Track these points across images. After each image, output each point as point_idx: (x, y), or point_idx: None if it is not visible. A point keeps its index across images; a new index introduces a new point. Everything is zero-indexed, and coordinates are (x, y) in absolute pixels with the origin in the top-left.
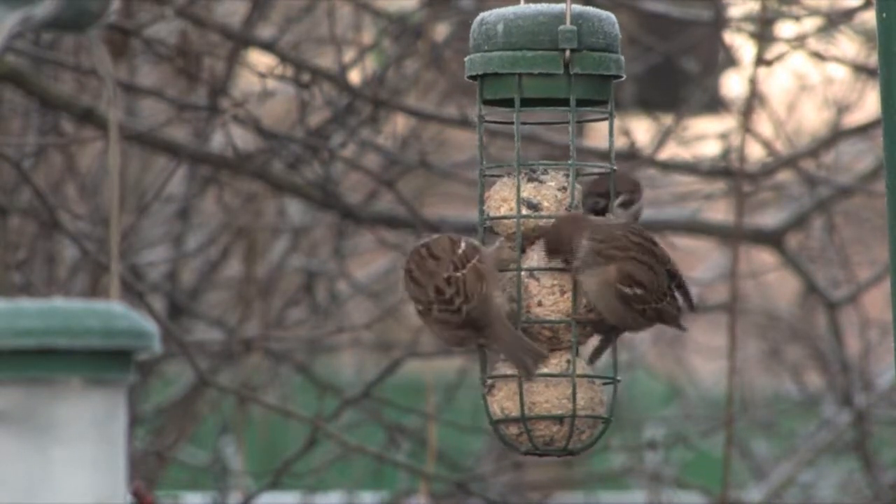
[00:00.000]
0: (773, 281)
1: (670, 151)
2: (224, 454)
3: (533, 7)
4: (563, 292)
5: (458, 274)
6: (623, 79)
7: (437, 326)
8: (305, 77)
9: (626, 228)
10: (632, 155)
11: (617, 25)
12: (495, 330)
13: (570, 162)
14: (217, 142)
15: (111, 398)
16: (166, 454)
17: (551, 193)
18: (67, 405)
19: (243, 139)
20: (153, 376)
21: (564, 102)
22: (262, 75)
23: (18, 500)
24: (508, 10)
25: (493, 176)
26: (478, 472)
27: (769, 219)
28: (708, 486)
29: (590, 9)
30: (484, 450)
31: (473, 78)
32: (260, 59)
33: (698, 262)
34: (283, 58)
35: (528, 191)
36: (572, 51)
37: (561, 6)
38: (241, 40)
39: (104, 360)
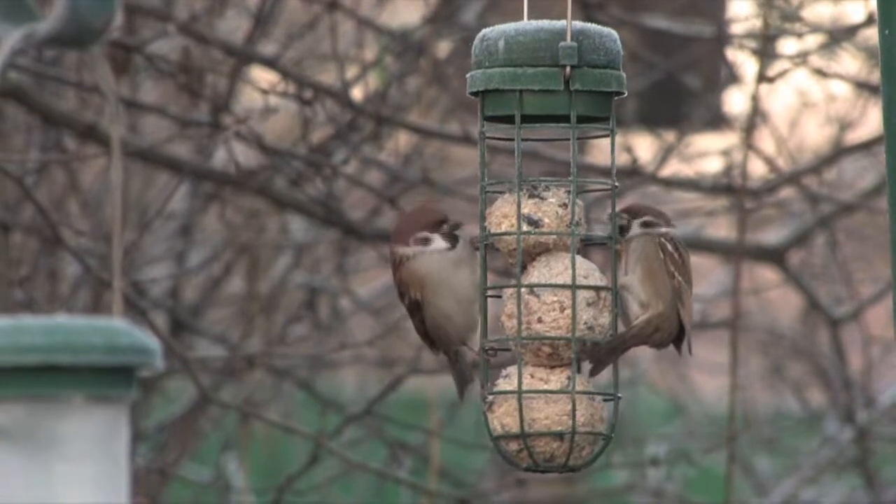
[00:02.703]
0: (775, 298)
1: (672, 168)
2: (226, 471)
3: (534, 23)
4: (563, 309)
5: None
6: (625, 95)
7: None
8: (308, 94)
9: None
10: (634, 171)
11: (619, 42)
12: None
13: (571, 178)
14: (219, 158)
15: (113, 415)
16: (169, 471)
17: (552, 210)
18: (70, 422)
19: (246, 156)
20: (155, 393)
21: (565, 119)
22: (265, 92)
23: None
24: (510, 27)
25: (494, 192)
26: (480, 489)
27: (771, 236)
28: (710, 503)
29: (591, 25)
30: (486, 466)
31: (475, 94)
32: (262, 76)
33: (701, 278)
34: (286, 74)
35: (528, 207)
36: (573, 67)
37: (562, 23)
38: (244, 57)
39: (107, 377)
